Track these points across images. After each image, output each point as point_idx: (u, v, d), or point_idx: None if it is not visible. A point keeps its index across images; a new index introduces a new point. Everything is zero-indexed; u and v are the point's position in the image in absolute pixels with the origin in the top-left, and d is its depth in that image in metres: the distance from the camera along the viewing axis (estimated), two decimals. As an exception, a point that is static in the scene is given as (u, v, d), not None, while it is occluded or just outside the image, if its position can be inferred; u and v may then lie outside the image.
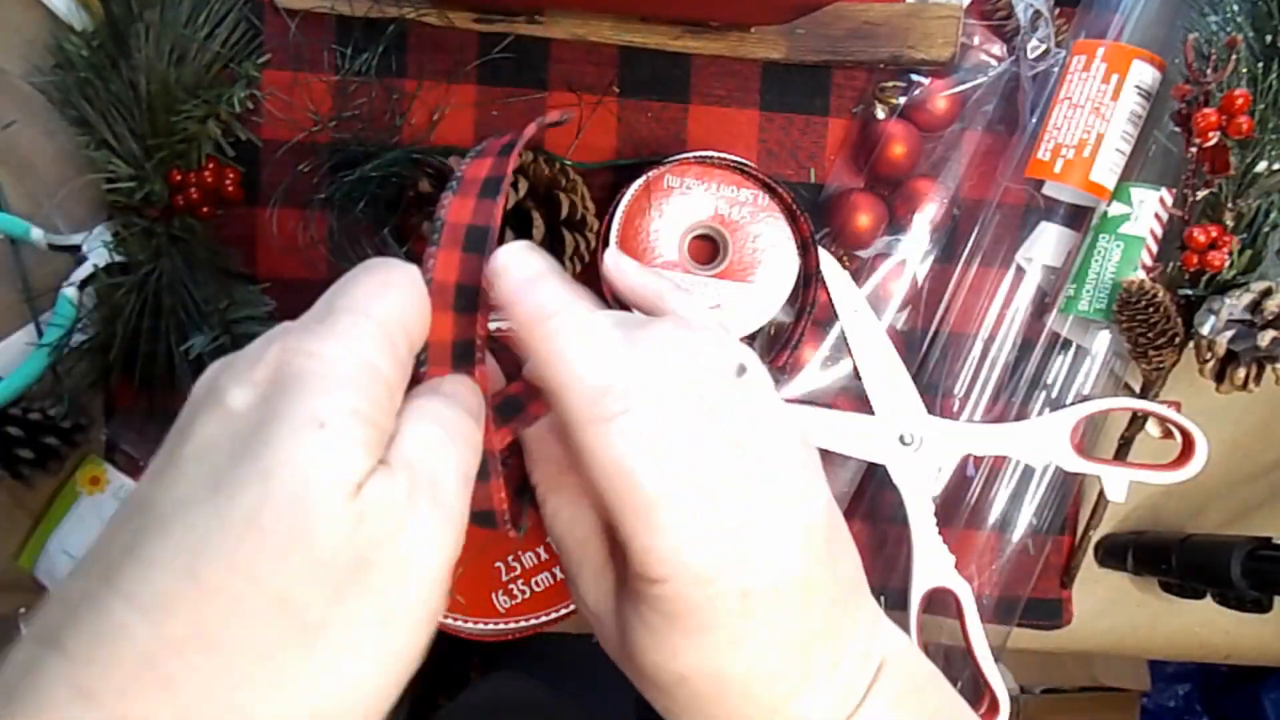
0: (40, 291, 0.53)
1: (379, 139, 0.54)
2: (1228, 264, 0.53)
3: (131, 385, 0.53)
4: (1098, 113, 0.54)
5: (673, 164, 0.54)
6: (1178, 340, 0.54)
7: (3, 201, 0.53)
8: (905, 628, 0.55)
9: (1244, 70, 0.52)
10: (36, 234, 0.52)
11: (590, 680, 0.87)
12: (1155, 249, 0.56)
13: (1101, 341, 0.57)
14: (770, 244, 0.55)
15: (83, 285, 0.52)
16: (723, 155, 0.54)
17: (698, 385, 0.28)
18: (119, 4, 0.49)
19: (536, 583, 0.49)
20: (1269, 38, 0.52)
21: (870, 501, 0.59)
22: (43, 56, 0.51)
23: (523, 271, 0.28)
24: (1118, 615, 0.63)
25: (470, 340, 0.29)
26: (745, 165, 0.54)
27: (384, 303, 0.26)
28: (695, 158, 0.54)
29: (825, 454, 0.56)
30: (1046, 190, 0.58)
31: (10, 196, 0.53)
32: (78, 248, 0.52)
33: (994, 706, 0.53)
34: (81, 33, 0.50)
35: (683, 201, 0.54)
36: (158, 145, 0.50)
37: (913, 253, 0.58)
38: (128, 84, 0.49)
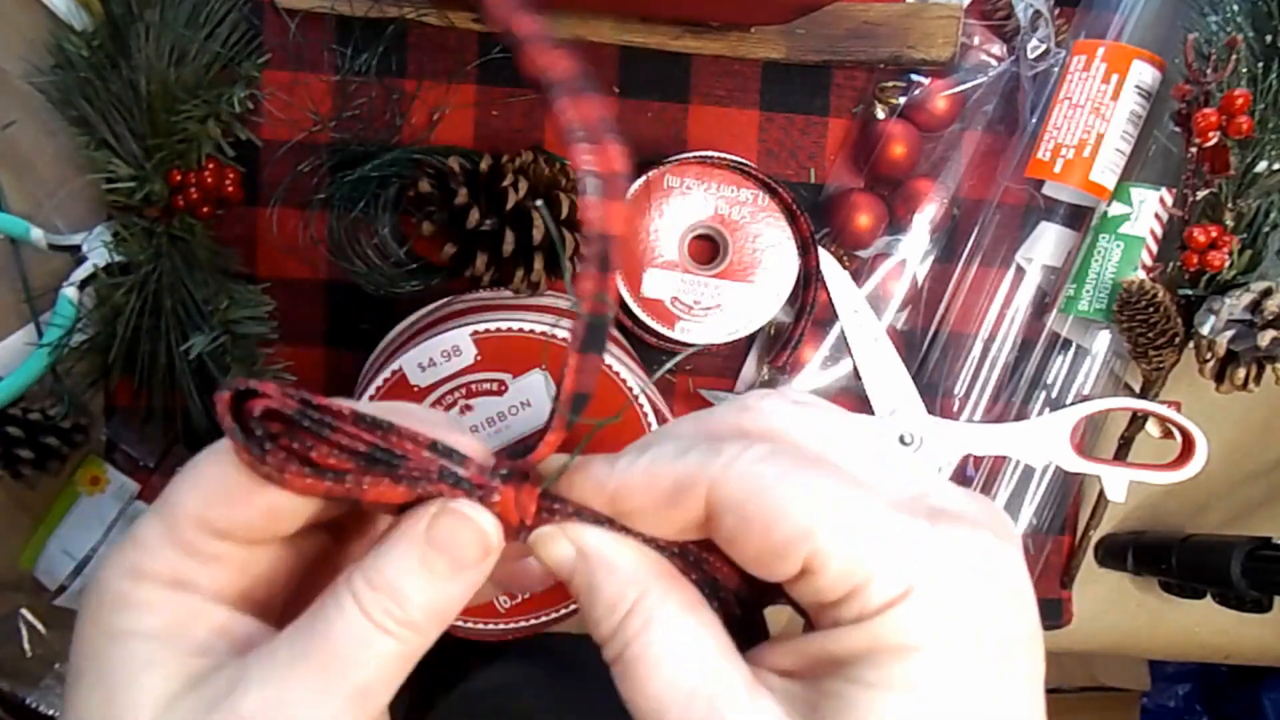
0: (40, 291, 0.53)
1: (379, 139, 0.54)
2: (1228, 264, 0.53)
3: (131, 385, 0.53)
4: (1098, 113, 0.54)
5: (673, 164, 0.54)
6: (1178, 340, 0.54)
7: (3, 201, 0.53)
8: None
9: (1244, 70, 0.52)
10: (36, 234, 0.52)
11: (592, 675, 0.87)
12: (1155, 249, 0.56)
13: (1101, 341, 0.57)
14: (770, 244, 0.55)
15: (83, 285, 0.52)
16: (723, 155, 0.54)
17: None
18: (119, 4, 0.49)
19: None
20: (1269, 38, 0.52)
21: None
22: (43, 56, 0.51)
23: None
24: (1118, 615, 0.63)
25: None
26: (745, 165, 0.54)
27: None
28: (695, 158, 0.54)
29: (825, 454, 0.56)
30: (1046, 190, 0.58)
31: (10, 196, 0.53)
32: (78, 248, 0.52)
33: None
34: (81, 33, 0.50)
35: (683, 201, 0.54)
36: (158, 145, 0.50)
37: (913, 253, 0.58)
38: (128, 84, 0.49)
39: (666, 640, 0.22)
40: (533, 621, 0.49)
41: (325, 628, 0.22)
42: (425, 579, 0.22)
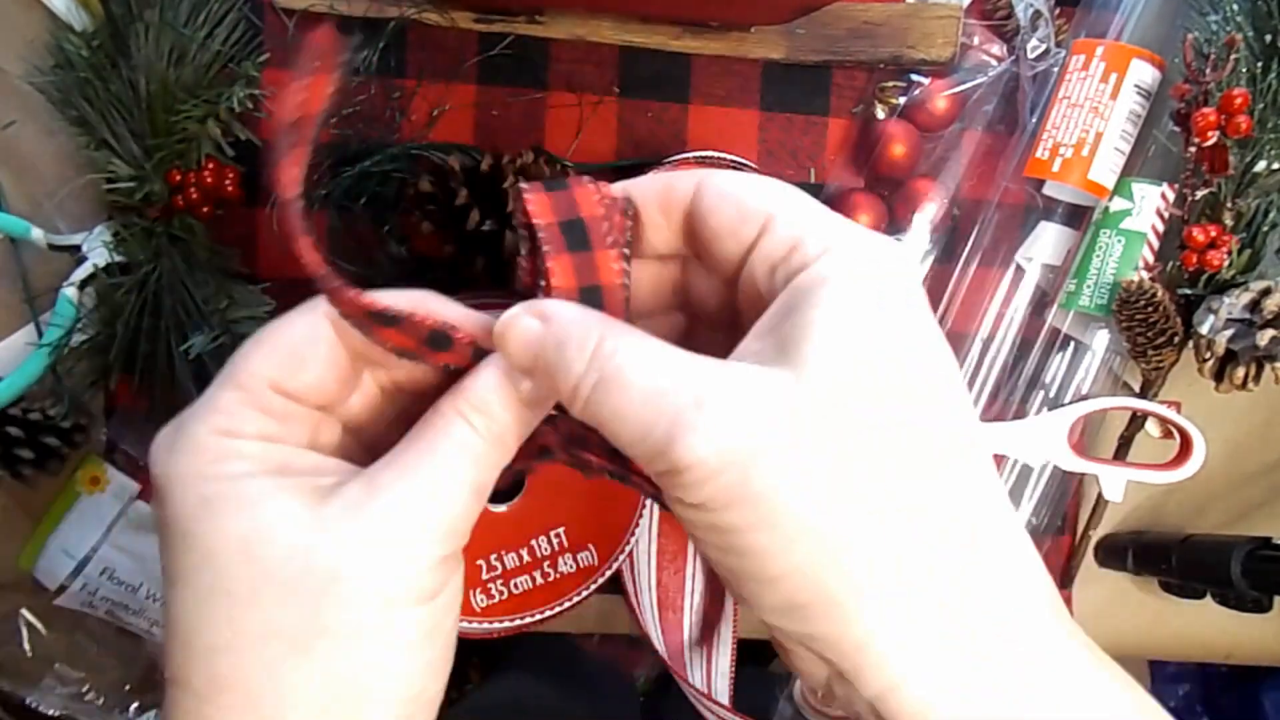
0: (40, 291, 0.53)
1: (379, 137, 0.54)
2: (1227, 263, 0.53)
3: (131, 385, 0.53)
4: (1096, 112, 0.54)
5: (673, 164, 0.54)
6: (1177, 340, 0.54)
7: (3, 201, 0.53)
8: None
9: (1243, 70, 0.52)
10: (36, 234, 0.52)
11: (596, 681, 0.87)
12: (1157, 244, 0.56)
13: (1101, 340, 0.57)
14: (770, 244, 0.55)
15: (83, 285, 0.52)
16: (723, 155, 0.54)
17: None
18: (119, 4, 0.49)
19: (516, 585, 0.49)
20: (1269, 37, 0.52)
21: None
22: (43, 56, 0.51)
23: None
24: (1118, 615, 0.63)
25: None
26: (745, 165, 0.54)
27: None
28: (695, 158, 0.54)
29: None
30: (1046, 189, 0.58)
31: (10, 196, 0.53)
32: (78, 248, 0.52)
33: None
34: (81, 33, 0.50)
35: (682, 201, 0.54)
36: (158, 145, 0.50)
37: (913, 253, 0.58)
38: (128, 84, 0.49)
39: (643, 350, 0.25)
40: (509, 624, 0.49)
41: (439, 437, 0.26)
42: (507, 395, 0.26)
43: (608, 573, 0.50)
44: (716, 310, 0.30)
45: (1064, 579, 0.61)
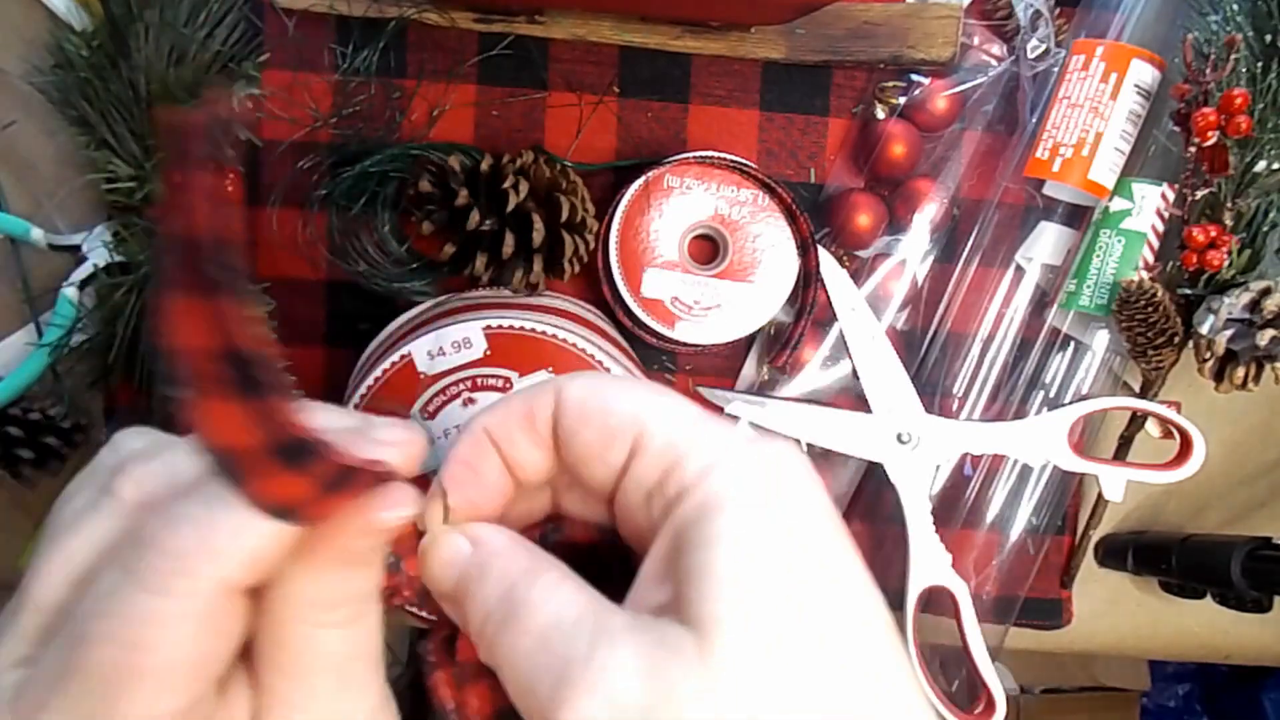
0: (40, 291, 0.53)
1: (379, 137, 0.54)
2: (1227, 263, 0.53)
3: (131, 385, 0.53)
4: (1096, 112, 0.54)
5: (673, 164, 0.54)
6: (1177, 340, 0.54)
7: (3, 201, 0.53)
8: (902, 627, 0.55)
9: (1243, 70, 0.52)
10: (36, 234, 0.52)
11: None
12: (1157, 244, 0.56)
13: (1101, 340, 0.57)
14: (770, 244, 0.55)
15: (83, 285, 0.52)
16: (723, 155, 0.54)
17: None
18: (119, 4, 0.49)
19: None
20: (1268, 37, 0.52)
21: (868, 500, 0.59)
22: (43, 56, 0.51)
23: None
24: (1118, 615, 0.63)
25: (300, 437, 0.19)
26: (745, 165, 0.54)
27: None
28: (695, 158, 0.54)
29: (825, 453, 0.56)
30: (1046, 189, 0.58)
31: (10, 196, 0.53)
32: (78, 248, 0.52)
33: (990, 706, 0.53)
34: (81, 33, 0.50)
35: (683, 201, 0.54)
36: (158, 145, 0.50)
37: (913, 253, 0.58)
38: (128, 84, 0.49)
39: (552, 589, 0.23)
40: None
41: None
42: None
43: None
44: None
45: (1064, 579, 0.61)
